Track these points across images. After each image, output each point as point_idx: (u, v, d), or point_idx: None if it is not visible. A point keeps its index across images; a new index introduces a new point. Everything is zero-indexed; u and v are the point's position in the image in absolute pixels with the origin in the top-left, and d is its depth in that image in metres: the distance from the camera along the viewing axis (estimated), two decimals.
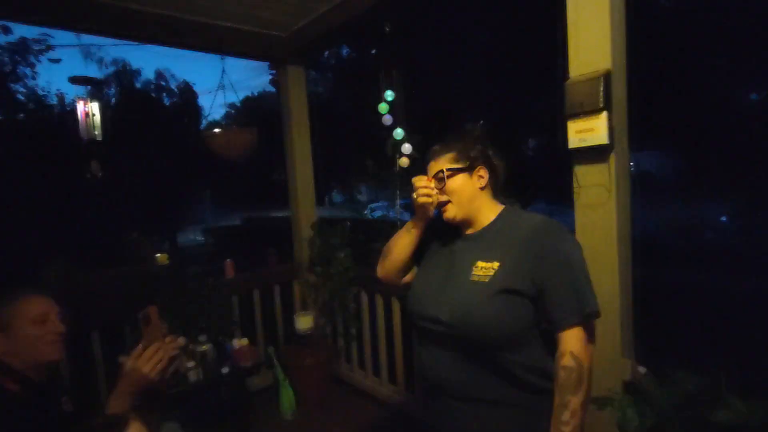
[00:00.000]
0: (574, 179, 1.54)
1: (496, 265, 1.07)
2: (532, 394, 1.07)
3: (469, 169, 1.15)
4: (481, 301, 1.04)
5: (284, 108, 3.21)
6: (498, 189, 1.20)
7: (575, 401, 1.00)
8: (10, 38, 10.36)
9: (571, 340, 1.02)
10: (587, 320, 1.04)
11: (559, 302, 1.02)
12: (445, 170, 1.15)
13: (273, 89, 14.89)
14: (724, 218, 10.62)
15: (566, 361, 1.01)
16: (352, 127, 9.93)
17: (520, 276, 1.04)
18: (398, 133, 2.52)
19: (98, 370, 2.44)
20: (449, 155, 1.17)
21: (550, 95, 1.50)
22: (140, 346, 1.20)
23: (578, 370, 1.00)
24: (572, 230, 1.30)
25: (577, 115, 1.46)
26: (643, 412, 1.24)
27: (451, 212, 1.17)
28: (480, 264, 1.09)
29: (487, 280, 1.06)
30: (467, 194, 1.15)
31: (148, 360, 1.13)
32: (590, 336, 1.05)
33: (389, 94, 2.55)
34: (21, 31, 10.34)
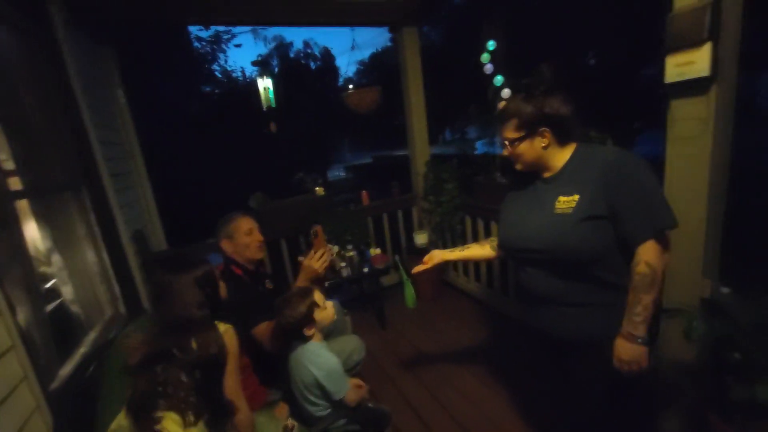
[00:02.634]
0: (669, 112, 1.33)
1: (576, 197, 1.06)
2: (615, 294, 1.08)
3: (530, 135, 1.10)
4: (568, 230, 1.05)
5: (401, 64, 3.19)
6: (568, 133, 1.11)
7: (647, 299, 1.02)
8: (208, 33, 11.76)
9: (646, 251, 1.01)
10: (660, 234, 1.01)
11: (634, 221, 1.01)
12: (507, 142, 1.15)
13: (392, 44, 14.43)
14: None
15: (641, 268, 1.01)
16: (460, 73, 9.26)
17: (597, 203, 1.03)
18: (498, 79, 2.37)
19: (285, 264, 2.97)
20: (512, 122, 1.12)
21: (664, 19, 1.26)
22: (312, 251, 1.61)
23: (651, 275, 1.00)
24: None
25: (678, 48, 1.23)
26: (713, 325, 1.16)
27: (520, 167, 1.18)
28: (562, 198, 1.09)
29: (570, 212, 1.06)
30: (531, 156, 1.13)
31: (318, 260, 1.56)
32: (664, 246, 1.03)
33: (491, 44, 2.37)
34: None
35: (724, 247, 1.39)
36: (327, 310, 1.44)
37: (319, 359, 1.36)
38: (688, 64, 1.20)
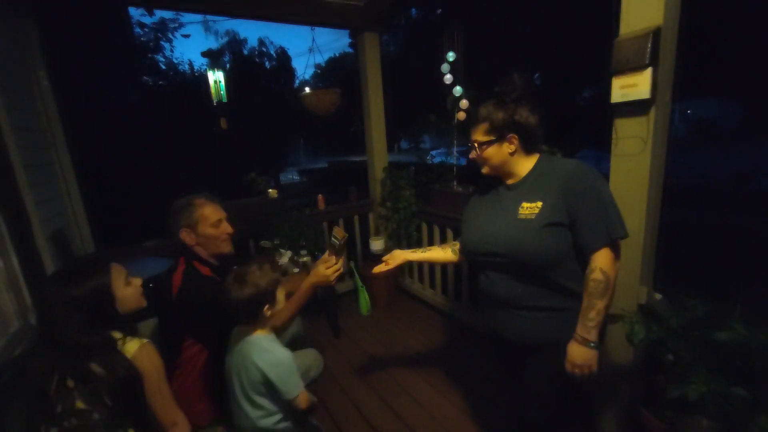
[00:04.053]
0: (614, 131, 1.43)
1: (539, 204, 1.09)
2: (570, 299, 1.13)
3: (499, 140, 1.13)
4: (530, 235, 1.08)
5: (361, 69, 3.18)
6: (534, 142, 1.16)
7: (600, 304, 1.06)
8: (152, 19, 10.96)
9: (601, 258, 1.06)
10: (614, 243, 1.07)
11: (591, 229, 1.05)
12: (476, 144, 1.17)
13: (352, 50, 14.46)
14: None
15: (596, 275, 1.06)
16: (418, 83, 9.49)
17: (559, 211, 1.07)
18: (457, 90, 2.43)
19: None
20: (482, 126, 1.15)
21: (606, 48, 1.36)
22: (329, 255, 1.45)
23: (605, 282, 1.05)
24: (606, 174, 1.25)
25: (622, 71, 1.32)
26: (650, 328, 1.24)
27: (486, 171, 1.21)
28: (525, 205, 1.12)
29: (533, 218, 1.09)
30: (498, 160, 1.16)
31: (333, 268, 1.41)
32: (616, 255, 1.09)
33: (450, 56, 2.42)
34: (159, 12, 10.85)
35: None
36: (283, 292, 1.27)
37: (270, 354, 1.17)
38: (632, 86, 1.29)
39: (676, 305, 1.35)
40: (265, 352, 1.18)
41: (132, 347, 1.00)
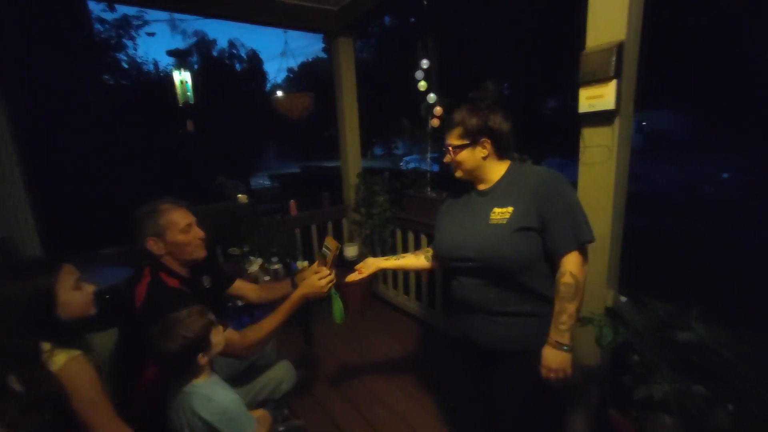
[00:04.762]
0: (581, 139, 1.48)
1: (510, 209, 1.11)
2: (541, 304, 1.15)
3: (473, 144, 1.15)
4: (501, 239, 1.10)
5: (335, 74, 3.15)
6: (506, 148, 1.18)
7: (571, 308, 1.08)
8: (114, 15, 10.46)
9: (570, 262, 1.08)
10: (582, 247, 1.09)
11: (560, 234, 1.08)
12: (450, 148, 1.18)
13: (325, 55, 14.43)
14: (725, 174, 9.73)
15: (566, 279, 1.08)
16: (392, 90, 9.58)
17: (529, 216, 1.09)
18: (431, 97, 2.46)
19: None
20: (456, 130, 1.17)
21: (571, 60, 1.41)
22: (319, 265, 1.43)
23: (575, 285, 1.07)
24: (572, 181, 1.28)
25: (589, 83, 1.38)
26: (618, 331, 1.28)
27: (459, 174, 1.22)
28: (497, 210, 1.13)
29: (504, 222, 1.10)
30: (471, 164, 1.18)
31: (326, 278, 1.37)
32: (585, 258, 1.11)
33: (424, 63, 2.45)
34: (122, 8, 10.36)
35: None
36: (220, 334, 1.15)
37: (212, 403, 1.05)
38: (598, 97, 1.35)
39: (639, 307, 1.41)
40: (207, 401, 1.06)
41: (59, 360, 0.90)
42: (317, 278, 1.37)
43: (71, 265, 1.03)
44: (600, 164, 1.42)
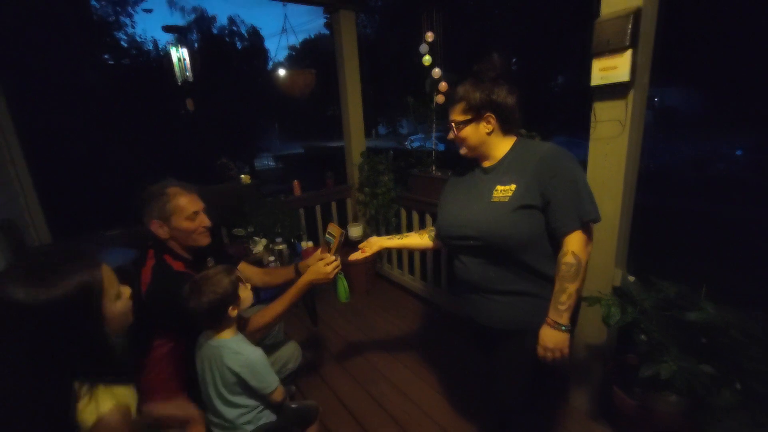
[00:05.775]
0: (593, 114, 1.42)
1: (513, 187, 1.08)
2: (543, 284, 1.13)
3: (476, 119, 1.12)
4: (503, 217, 1.07)
5: (337, 50, 3.04)
6: (512, 123, 1.14)
7: (572, 288, 1.06)
8: None
9: (573, 241, 1.05)
10: (586, 226, 1.06)
11: (563, 212, 1.04)
12: (454, 124, 1.15)
13: (327, 31, 14.03)
14: (739, 152, 9.47)
15: (568, 258, 1.05)
16: (396, 67, 9.33)
17: (532, 193, 1.05)
18: (436, 72, 2.37)
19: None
20: (460, 105, 1.13)
21: (581, 33, 1.34)
22: (324, 252, 1.42)
23: (577, 265, 1.05)
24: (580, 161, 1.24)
25: (602, 53, 1.31)
26: (626, 310, 1.27)
27: (464, 152, 1.19)
28: (499, 187, 1.10)
29: (506, 200, 1.07)
30: (475, 140, 1.14)
31: (332, 264, 1.38)
32: (589, 238, 1.08)
33: (429, 36, 2.35)
34: None
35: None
36: (248, 289, 1.24)
37: (241, 356, 1.16)
38: (612, 68, 1.28)
39: (648, 287, 1.39)
40: (235, 354, 1.16)
41: (104, 405, 0.64)
42: (323, 264, 1.39)
43: (108, 266, 0.76)
44: (611, 140, 1.37)
